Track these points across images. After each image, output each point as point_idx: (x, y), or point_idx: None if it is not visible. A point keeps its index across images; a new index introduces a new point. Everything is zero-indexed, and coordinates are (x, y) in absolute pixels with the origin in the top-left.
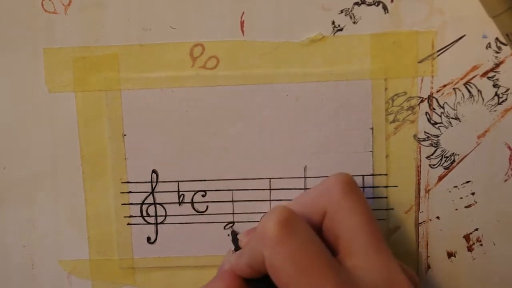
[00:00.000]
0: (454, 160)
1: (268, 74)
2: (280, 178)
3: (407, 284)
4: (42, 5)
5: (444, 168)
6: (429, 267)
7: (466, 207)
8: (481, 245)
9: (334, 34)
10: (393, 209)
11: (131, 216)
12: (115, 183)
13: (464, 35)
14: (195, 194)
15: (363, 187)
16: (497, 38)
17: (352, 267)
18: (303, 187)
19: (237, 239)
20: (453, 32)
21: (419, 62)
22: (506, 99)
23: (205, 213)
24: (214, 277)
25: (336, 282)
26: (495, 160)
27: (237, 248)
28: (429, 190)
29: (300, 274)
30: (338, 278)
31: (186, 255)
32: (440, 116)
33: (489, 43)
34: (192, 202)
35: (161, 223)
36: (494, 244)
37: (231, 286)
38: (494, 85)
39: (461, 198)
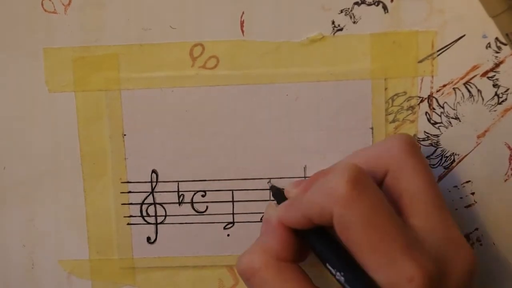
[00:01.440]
0: (454, 160)
1: (268, 74)
2: (280, 178)
3: (468, 246)
4: (42, 5)
5: (444, 168)
6: None
7: (466, 207)
8: (481, 245)
9: (334, 34)
10: None
11: (131, 216)
12: (115, 183)
13: (464, 35)
14: (195, 194)
15: None
16: (497, 38)
17: (415, 226)
18: None
19: (280, 192)
20: (453, 32)
21: (419, 62)
22: (506, 99)
23: (205, 213)
24: (263, 232)
25: (404, 243)
26: (495, 160)
27: (280, 201)
28: None
29: (370, 233)
30: (406, 238)
31: (186, 255)
32: (440, 116)
33: (489, 43)
34: (192, 202)
35: (161, 223)
36: (494, 244)
37: (285, 242)
38: (494, 85)
39: (461, 198)
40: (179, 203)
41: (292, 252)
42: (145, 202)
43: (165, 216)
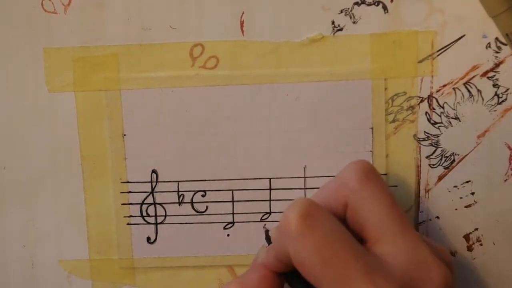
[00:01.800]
0: (454, 160)
1: (268, 74)
2: (280, 178)
3: (438, 265)
4: (42, 5)
5: (444, 168)
6: None
7: (466, 207)
8: (481, 245)
9: (334, 34)
10: None
11: (131, 216)
12: (115, 183)
13: (464, 35)
14: (195, 194)
15: None
16: (497, 38)
17: (381, 254)
18: (303, 187)
19: (269, 236)
20: (453, 32)
21: (419, 62)
22: (506, 99)
23: (205, 213)
24: (248, 269)
25: (364, 269)
26: (495, 160)
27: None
28: (429, 190)
29: (326, 265)
30: (365, 265)
31: (186, 255)
32: (440, 116)
33: (489, 43)
34: (192, 202)
35: (161, 223)
36: (494, 244)
37: (265, 277)
38: (494, 85)
39: (461, 198)
40: (179, 203)
41: None
42: (145, 202)
43: (165, 216)
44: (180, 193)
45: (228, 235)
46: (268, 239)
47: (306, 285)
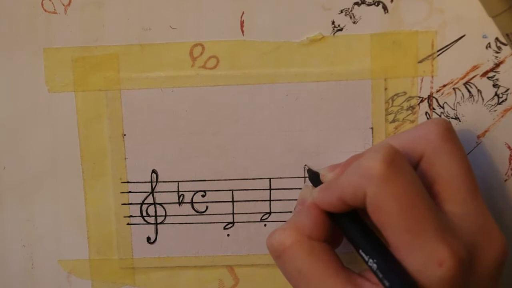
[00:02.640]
0: None
1: (268, 74)
2: (280, 178)
3: (500, 234)
4: (42, 5)
5: None
6: None
7: None
8: None
9: (334, 34)
10: None
11: (131, 216)
12: (115, 183)
13: (464, 35)
14: (195, 194)
15: None
16: (497, 38)
17: (449, 212)
18: (302, 187)
19: (316, 176)
20: (453, 32)
21: (419, 62)
22: (506, 99)
23: (205, 213)
24: (296, 212)
25: (437, 226)
26: (495, 160)
27: (316, 185)
28: None
29: (402, 215)
30: (439, 222)
31: (186, 255)
32: (440, 116)
33: (489, 43)
34: (192, 202)
35: (161, 223)
36: None
37: (318, 221)
38: (494, 85)
39: None
40: (179, 203)
41: (325, 233)
42: (145, 202)
43: (165, 216)
44: (180, 193)
45: (228, 235)
46: (313, 179)
47: (361, 230)
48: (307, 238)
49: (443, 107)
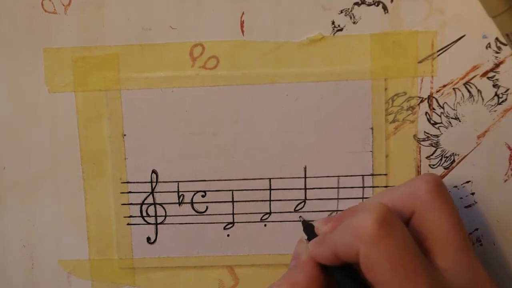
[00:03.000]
0: (454, 160)
1: (268, 74)
2: (280, 178)
3: (494, 285)
4: (42, 5)
5: (444, 168)
6: None
7: (466, 207)
8: (481, 245)
9: (334, 34)
10: None
11: (131, 216)
12: (115, 183)
13: (464, 35)
14: (195, 194)
15: (363, 187)
16: (497, 38)
17: (441, 268)
18: (303, 187)
19: (310, 228)
20: (453, 32)
21: (419, 62)
22: (506, 99)
23: (205, 213)
24: (291, 268)
25: (430, 284)
26: (495, 160)
27: (310, 236)
28: None
29: (395, 273)
30: (432, 280)
31: (186, 255)
32: (440, 116)
33: (489, 43)
34: (192, 203)
35: (161, 223)
36: (494, 244)
37: (313, 277)
38: (494, 85)
39: (461, 198)
40: (179, 203)
41: None
42: (145, 202)
43: (165, 216)
44: (180, 193)
45: (228, 235)
46: (307, 231)
47: (355, 283)
48: None
49: (443, 107)
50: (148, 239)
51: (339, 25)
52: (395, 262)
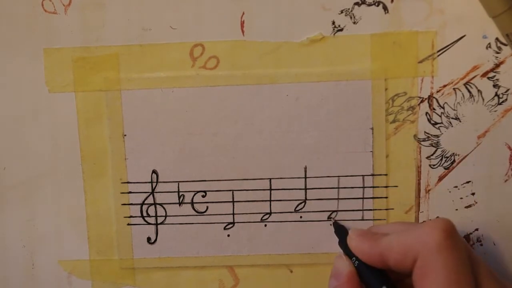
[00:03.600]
0: (454, 160)
1: (268, 74)
2: (280, 178)
3: None
4: (42, 5)
5: (444, 168)
6: None
7: (466, 207)
8: (481, 245)
9: (334, 34)
10: (393, 209)
11: (131, 217)
12: (115, 183)
13: (464, 35)
14: (195, 194)
15: (363, 187)
16: (497, 38)
17: None
18: (303, 187)
19: (344, 231)
20: (453, 32)
21: (419, 62)
22: (506, 99)
23: (205, 213)
24: (334, 287)
25: None
26: (495, 160)
27: (342, 239)
28: (429, 190)
29: (447, 285)
30: None
31: (186, 255)
32: (440, 116)
33: (489, 43)
34: (192, 203)
35: (161, 223)
36: (494, 244)
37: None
38: (494, 85)
39: (461, 198)
40: (180, 204)
41: None
42: (145, 202)
43: (166, 216)
44: (180, 193)
45: (228, 235)
46: (339, 233)
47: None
48: None
49: (443, 107)
50: (149, 239)
51: (339, 25)
52: (451, 275)
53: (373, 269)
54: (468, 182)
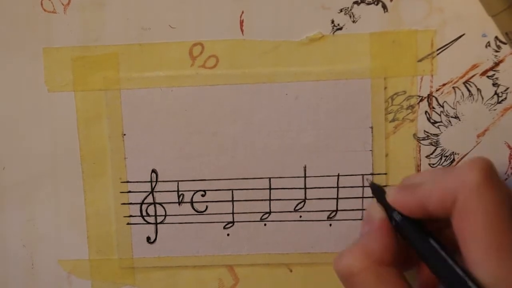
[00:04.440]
0: (453, 159)
1: (267, 73)
2: (280, 177)
3: None
4: (42, 5)
5: None
6: None
7: None
8: None
9: (333, 33)
10: None
11: (130, 216)
12: (114, 183)
13: (464, 34)
14: (194, 193)
15: (363, 186)
16: (496, 37)
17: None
18: (303, 187)
19: (381, 191)
20: (453, 30)
21: (418, 61)
22: (505, 98)
23: (204, 213)
24: (364, 235)
25: None
26: (495, 159)
27: (380, 201)
28: None
29: (488, 226)
30: None
31: (186, 255)
32: (440, 115)
33: (488, 42)
34: (191, 202)
35: (161, 223)
36: None
37: (388, 244)
38: (494, 84)
39: None
40: (179, 203)
41: (394, 257)
42: (145, 201)
43: (165, 216)
44: (180, 192)
45: (228, 234)
46: (377, 193)
47: (431, 238)
48: (376, 264)
49: (442, 106)
50: (148, 238)
51: (338, 24)
52: (490, 215)
53: (416, 223)
54: None
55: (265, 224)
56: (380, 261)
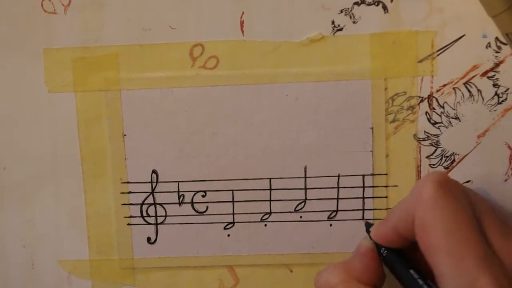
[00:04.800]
0: (454, 160)
1: (268, 74)
2: (280, 178)
3: None
4: (42, 5)
5: (444, 168)
6: None
7: None
8: None
9: (334, 34)
10: None
11: (131, 217)
12: (115, 183)
13: (464, 35)
14: (195, 194)
15: (363, 187)
16: (497, 38)
17: (491, 244)
18: (303, 187)
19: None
20: (453, 31)
21: (419, 62)
22: (506, 99)
23: (205, 213)
24: (350, 257)
25: (480, 253)
26: (495, 159)
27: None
28: None
29: (448, 236)
30: (482, 249)
31: (186, 255)
32: (440, 116)
33: (489, 43)
34: (192, 203)
35: (161, 223)
36: None
37: (369, 264)
38: (494, 85)
39: None
40: (179, 203)
41: (374, 277)
42: (145, 202)
43: (165, 216)
44: (180, 193)
45: (228, 235)
46: (369, 231)
47: (409, 265)
48: (355, 280)
49: (443, 107)
50: (148, 239)
51: (339, 25)
52: (450, 225)
53: (400, 256)
54: (468, 181)
55: (265, 225)
56: (359, 278)
